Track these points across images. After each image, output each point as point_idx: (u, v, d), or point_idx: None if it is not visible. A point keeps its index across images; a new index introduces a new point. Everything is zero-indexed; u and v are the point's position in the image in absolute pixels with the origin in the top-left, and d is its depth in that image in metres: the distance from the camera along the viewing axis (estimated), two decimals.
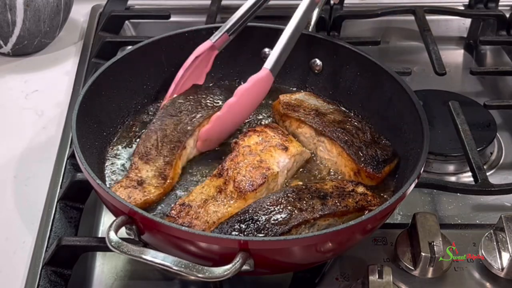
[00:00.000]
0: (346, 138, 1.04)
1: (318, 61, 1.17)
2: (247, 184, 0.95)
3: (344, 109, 1.13)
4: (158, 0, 1.56)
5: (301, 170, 1.05)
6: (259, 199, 0.93)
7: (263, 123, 1.13)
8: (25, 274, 0.96)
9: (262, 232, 0.87)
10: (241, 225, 0.89)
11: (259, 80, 1.02)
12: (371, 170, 1.01)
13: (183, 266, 0.79)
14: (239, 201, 0.95)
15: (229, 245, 0.82)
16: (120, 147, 1.07)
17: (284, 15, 1.46)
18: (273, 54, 1.04)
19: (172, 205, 0.96)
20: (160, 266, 0.80)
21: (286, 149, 1.01)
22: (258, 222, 0.88)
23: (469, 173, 1.13)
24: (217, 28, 1.17)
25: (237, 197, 0.95)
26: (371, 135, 1.06)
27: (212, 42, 1.12)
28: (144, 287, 1.00)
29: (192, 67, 1.12)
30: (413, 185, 0.91)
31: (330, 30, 1.47)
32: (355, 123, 1.07)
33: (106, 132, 1.07)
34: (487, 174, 1.11)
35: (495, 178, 1.19)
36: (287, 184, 1.02)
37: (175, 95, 1.12)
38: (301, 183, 1.01)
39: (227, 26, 1.13)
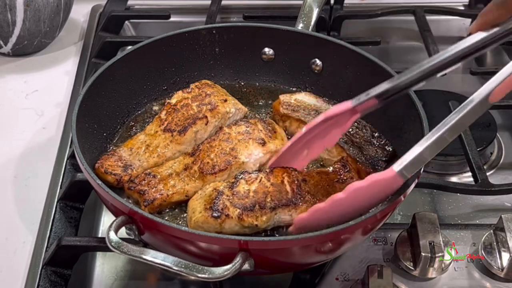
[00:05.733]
0: (346, 138, 1.04)
1: (318, 61, 1.17)
2: (210, 167, 0.97)
3: None
4: (158, 0, 1.56)
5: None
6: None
7: None
8: (25, 274, 0.96)
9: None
10: None
11: (378, 181, 0.85)
12: (371, 170, 1.01)
13: (183, 266, 0.79)
14: (197, 181, 0.97)
15: (229, 245, 0.82)
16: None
17: (284, 15, 1.48)
18: (408, 154, 0.85)
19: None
20: (160, 266, 0.80)
21: (263, 144, 1.01)
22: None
23: (469, 173, 1.13)
24: (216, 29, 1.17)
25: (198, 177, 0.98)
26: (371, 135, 1.06)
27: (351, 105, 0.92)
28: (144, 287, 1.00)
29: (321, 127, 0.95)
30: (413, 185, 0.91)
31: (330, 30, 1.47)
32: (355, 123, 1.07)
33: (106, 132, 1.07)
34: (487, 174, 1.11)
35: (495, 178, 1.19)
36: None
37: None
38: None
39: (378, 91, 0.91)
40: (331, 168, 0.98)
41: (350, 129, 1.06)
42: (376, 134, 1.06)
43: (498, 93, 0.85)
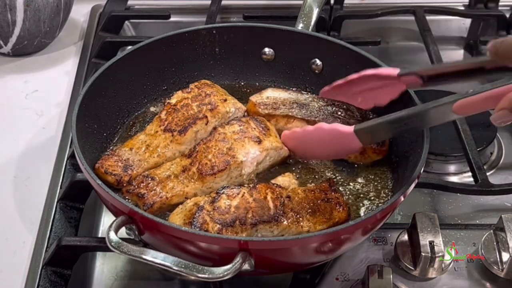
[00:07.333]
0: (342, 122, 1.04)
1: (318, 61, 1.17)
2: (209, 168, 0.98)
3: (316, 95, 1.12)
4: (158, 0, 1.56)
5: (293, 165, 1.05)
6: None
7: None
8: (25, 274, 0.96)
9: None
10: None
11: (337, 130, 0.97)
12: (375, 145, 1.02)
13: (183, 266, 0.79)
14: (197, 183, 0.97)
15: (229, 245, 0.82)
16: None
17: (284, 15, 1.48)
18: (370, 121, 0.96)
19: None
20: (160, 266, 0.80)
21: (259, 142, 1.01)
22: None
23: (469, 173, 1.13)
24: (216, 29, 1.17)
25: (197, 179, 0.98)
26: (359, 113, 1.06)
27: (396, 73, 1.00)
28: (144, 287, 1.00)
29: (368, 82, 1.04)
30: (413, 185, 0.91)
31: (330, 30, 1.47)
32: (339, 105, 1.07)
33: (106, 132, 1.07)
34: (487, 174, 1.11)
35: (495, 178, 1.19)
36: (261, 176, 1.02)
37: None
38: (292, 175, 1.01)
39: (421, 70, 0.97)
40: (317, 187, 0.98)
41: (339, 112, 1.06)
42: (363, 112, 1.07)
43: (461, 106, 0.85)
